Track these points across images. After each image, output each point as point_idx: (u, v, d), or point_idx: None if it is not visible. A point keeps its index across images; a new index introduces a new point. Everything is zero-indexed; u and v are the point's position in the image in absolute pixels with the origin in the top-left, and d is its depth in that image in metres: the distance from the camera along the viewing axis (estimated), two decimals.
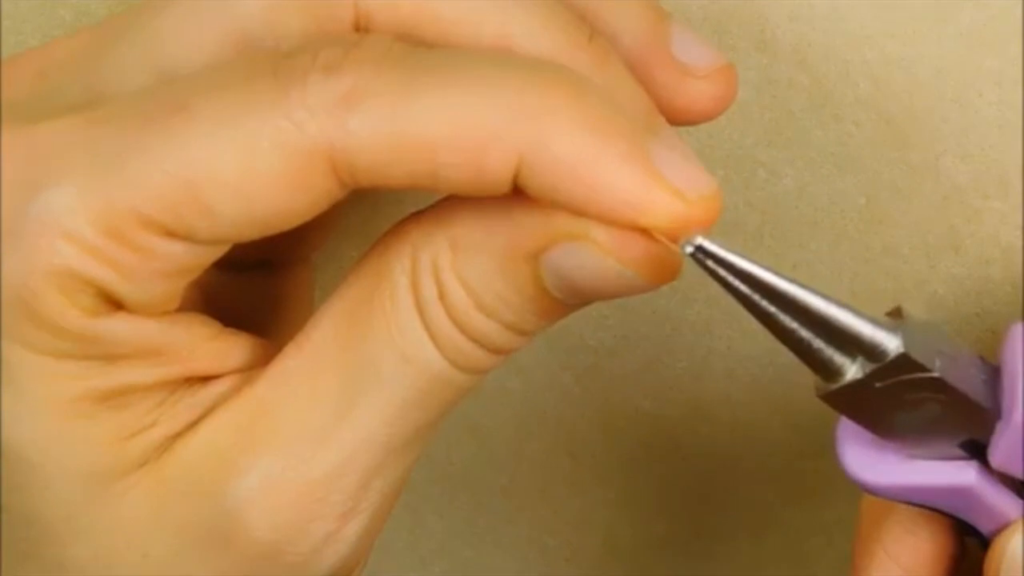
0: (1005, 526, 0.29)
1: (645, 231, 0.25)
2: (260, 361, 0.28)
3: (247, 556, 0.27)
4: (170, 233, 0.25)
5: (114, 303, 0.26)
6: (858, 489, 0.30)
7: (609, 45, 0.27)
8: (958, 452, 0.29)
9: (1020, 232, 0.35)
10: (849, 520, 0.34)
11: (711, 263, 0.25)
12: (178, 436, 0.27)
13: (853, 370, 0.26)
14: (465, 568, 0.46)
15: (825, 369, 0.26)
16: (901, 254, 0.37)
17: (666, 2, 0.30)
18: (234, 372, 0.28)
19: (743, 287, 0.25)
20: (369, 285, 0.27)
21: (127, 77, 0.27)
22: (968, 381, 0.27)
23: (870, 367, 0.26)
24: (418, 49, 0.25)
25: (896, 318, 0.27)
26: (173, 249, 0.25)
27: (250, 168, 0.24)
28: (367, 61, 0.25)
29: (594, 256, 0.25)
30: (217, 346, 0.27)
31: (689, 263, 0.25)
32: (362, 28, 0.27)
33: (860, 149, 0.35)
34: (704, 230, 0.25)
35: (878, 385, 0.26)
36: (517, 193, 0.25)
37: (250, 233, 0.25)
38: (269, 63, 0.25)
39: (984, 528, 0.30)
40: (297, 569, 0.27)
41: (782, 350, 0.26)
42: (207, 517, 0.27)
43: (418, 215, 0.27)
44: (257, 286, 0.33)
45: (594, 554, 0.45)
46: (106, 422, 0.27)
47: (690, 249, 0.25)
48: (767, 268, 0.25)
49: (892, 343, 0.26)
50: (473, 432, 0.43)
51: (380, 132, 0.24)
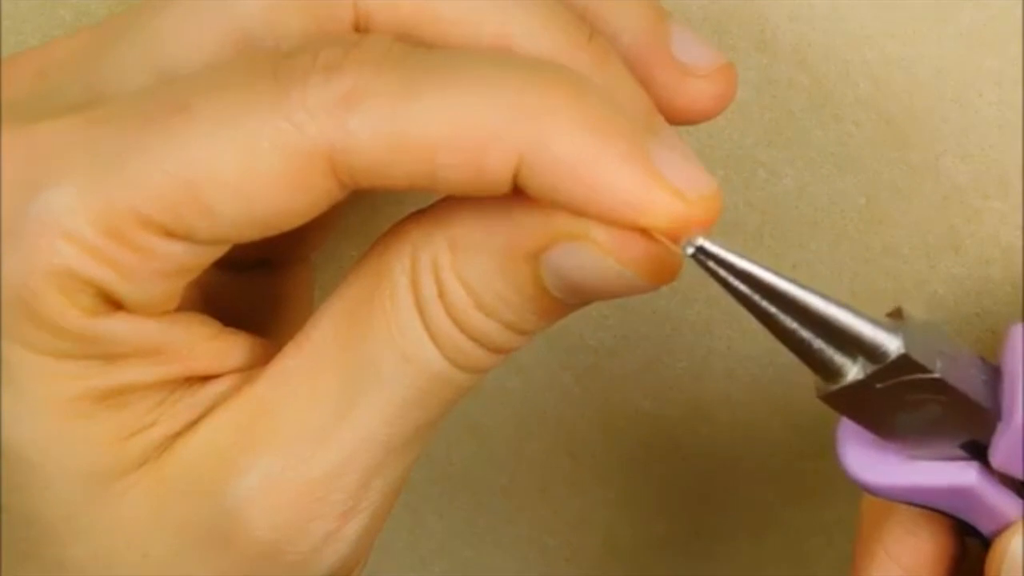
0: (1006, 526, 0.29)
1: (645, 231, 0.25)
2: (260, 361, 0.28)
3: (247, 555, 0.27)
4: (170, 233, 0.25)
5: (114, 303, 0.26)
6: (858, 489, 0.30)
7: (609, 45, 0.27)
8: (959, 453, 0.29)
9: (1020, 232, 0.35)
10: (849, 520, 0.34)
11: (712, 264, 0.25)
12: (178, 436, 0.27)
13: (854, 371, 0.26)
14: (465, 568, 0.46)
15: (826, 370, 0.26)
16: (901, 254, 0.37)
17: (666, 2, 0.30)
18: (234, 372, 0.28)
19: (743, 288, 0.25)
20: (369, 285, 0.27)
21: (127, 77, 0.27)
22: (969, 382, 0.27)
23: (871, 368, 0.26)
24: (418, 49, 0.25)
25: (896, 319, 0.27)
26: (173, 249, 0.25)
27: (250, 168, 0.24)
28: (367, 62, 0.25)
29: (594, 256, 0.25)
30: (217, 346, 0.27)
31: (689, 263, 0.25)
32: (362, 28, 0.27)
33: (860, 149, 0.35)
34: (704, 230, 0.25)
35: (879, 386, 0.26)
36: (517, 193, 0.25)
37: (250, 233, 0.25)
38: (269, 63, 0.25)
39: (985, 528, 0.30)
40: (297, 568, 0.27)
41: (782, 350, 0.26)
42: (207, 517, 0.27)
43: (418, 215, 0.27)
44: (257, 286, 0.33)
45: (594, 554, 0.45)
46: (106, 422, 0.27)
47: (691, 250, 0.25)
48: (767, 268, 0.25)
49: (893, 344, 0.26)
50: (473, 432, 0.43)
51: (380, 133, 0.24)
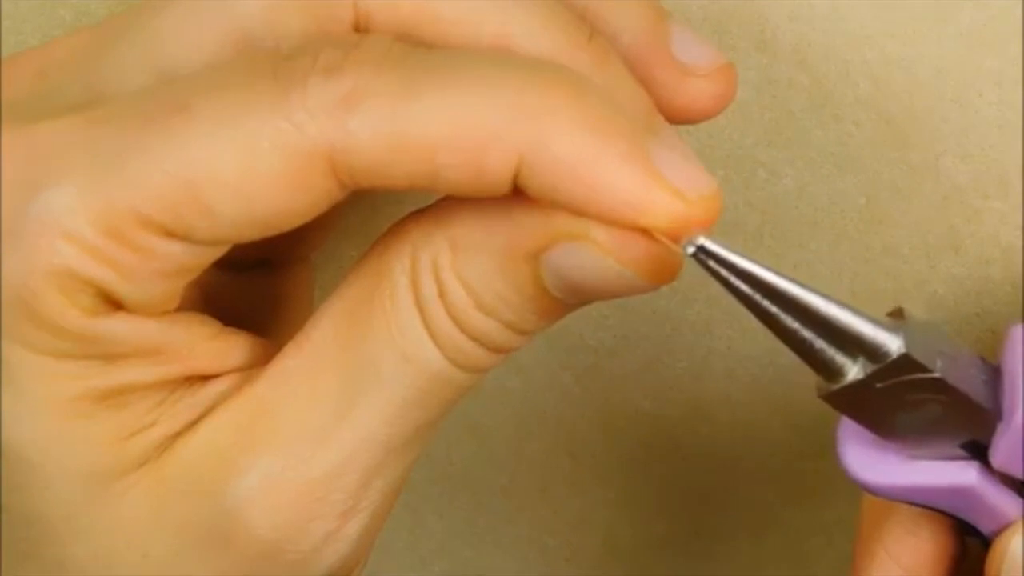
0: (1006, 526, 0.29)
1: (645, 231, 0.25)
2: (260, 361, 0.28)
3: (247, 555, 0.27)
4: (169, 233, 0.25)
5: (114, 303, 0.26)
6: (858, 489, 0.30)
7: (609, 45, 0.27)
8: (959, 452, 0.29)
9: (1020, 232, 0.35)
10: (849, 520, 0.34)
11: (712, 263, 0.25)
12: (178, 435, 0.27)
13: (854, 370, 0.26)
14: (465, 568, 0.46)
15: (826, 369, 0.26)
16: (901, 254, 0.37)
17: (666, 2, 0.30)
18: (234, 371, 0.28)
19: (744, 287, 0.25)
20: (369, 285, 0.27)
21: (127, 77, 0.27)
22: (969, 382, 0.27)
23: (871, 367, 0.26)
24: (418, 50, 0.25)
25: (897, 318, 0.27)
26: (172, 249, 0.25)
27: (250, 169, 0.24)
28: (367, 62, 0.25)
29: (594, 256, 0.25)
30: (217, 345, 0.27)
31: (689, 263, 0.25)
32: (362, 28, 0.27)
33: (860, 149, 0.35)
34: (704, 230, 0.25)
35: (879, 385, 0.26)
36: (517, 193, 0.25)
37: (250, 234, 0.25)
38: (269, 64, 0.25)
39: (985, 528, 0.30)
40: (297, 568, 0.27)
41: (782, 350, 0.26)
42: (207, 516, 0.27)
43: (418, 214, 0.27)
44: (257, 286, 0.33)
45: (594, 554, 0.45)
46: (106, 421, 0.27)
47: (691, 249, 0.25)
48: (768, 268, 0.25)
49: (894, 343, 0.26)
50: (473, 432, 0.43)
51: (380, 133, 0.24)
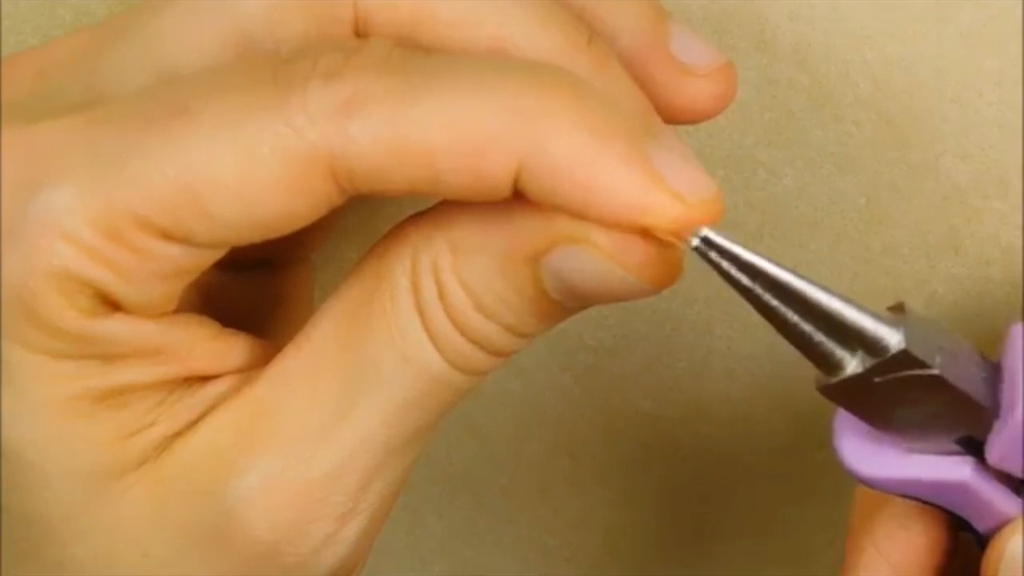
0: (1002, 523, 0.29)
1: (646, 234, 0.25)
2: (260, 361, 0.28)
3: (246, 556, 0.27)
4: (168, 236, 0.25)
5: (112, 304, 0.26)
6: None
7: (608, 47, 0.27)
8: (955, 447, 0.29)
9: (1020, 232, 0.35)
10: None
11: (714, 255, 0.25)
12: (178, 436, 0.27)
13: (853, 364, 0.26)
14: (465, 568, 0.46)
15: (825, 363, 0.26)
16: (901, 254, 0.37)
17: (666, 2, 0.30)
18: (233, 372, 0.28)
19: (745, 279, 0.25)
20: (369, 286, 0.27)
21: (127, 77, 0.27)
22: (967, 378, 0.27)
23: (871, 361, 0.26)
24: (417, 54, 0.25)
25: (898, 313, 0.27)
26: (171, 251, 0.25)
27: (250, 173, 0.24)
28: (367, 67, 0.25)
29: (594, 259, 0.25)
30: (216, 346, 0.27)
31: (690, 262, 0.25)
32: (361, 28, 0.27)
33: (860, 149, 0.35)
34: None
35: (877, 380, 0.26)
36: (518, 196, 0.25)
37: (249, 237, 0.25)
38: (269, 68, 0.25)
39: (978, 523, 0.30)
40: (296, 570, 0.27)
41: (782, 350, 0.26)
42: (206, 517, 0.27)
43: (418, 216, 0.27)
44: (257, 286, 0.33)
45: (594, 554, 0.45)
46: (105, 421, 0.27)
47: (696, 241, 0.25)
48: (770, 260, 0.25)
49: (894, 338, 0.26)
50: (473, 432, 0.43)
51: (380, 138, 0.24)
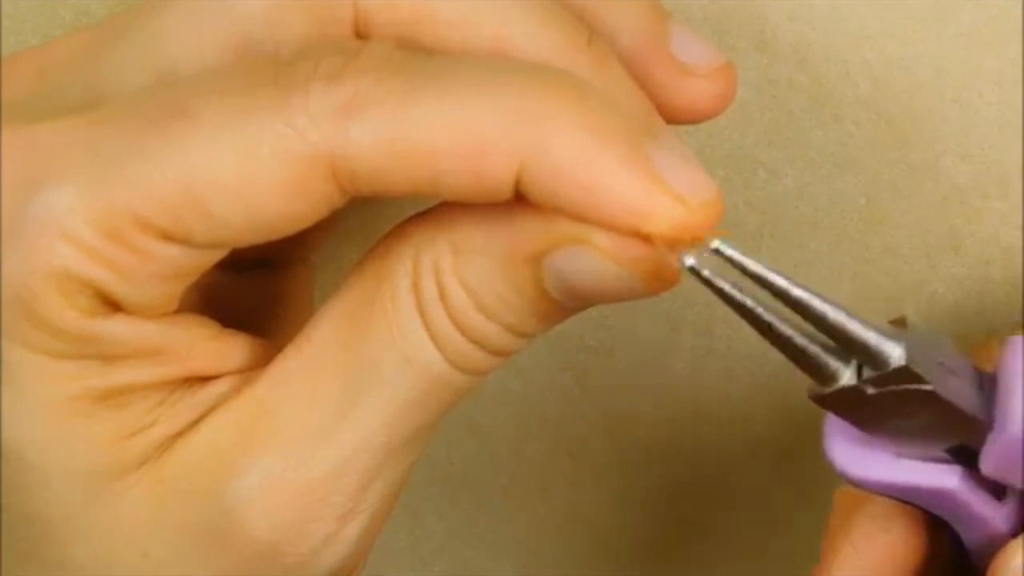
0: (987, 531, 0.29)
1: (646, 236, 0.25)
2: (260, 361, 0.28)
3: (246, 556, 0.27)
4: (168, 236, 0.25)
5: (112, 304, 0.26)
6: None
7: (608, 48, 0.27)
8: (945, 455, 0.29)
9: (1020, 232, 0.35)
10: None
11: (708, 273, 0.25)
12: (178, 436, 0.27)
13: (847, 375, 0.26)
14: (465, 568, 0.46)
15: (819, 373, 0.26)
16: (901, 254, 0.37)
17: (666, 2, 0.30)
18: (234, 372, 0.28)
19: (738, 296, 0.25)
20: (370, 287, 0.27)
21: (127, 77, 0.27)
22: (962, 393, 0.27)
23: (867, 374, 0.26)
24: (418, 56, 0.25)
25: (900, 327, 0.27)
26: (171, 252, 0.25)
27: (250, 174, 0.24)
28: (368, 69, 0.25)
29: (596, 261, 0.25)
30: (216, 346, 0.27)
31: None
32: (361, 29, 0.27)
33: (860, 149, 0.35)
34: (706, 233, 0.25)
35: (871, 392, 0.26)
36: (519, 198, 0.25)
37: (249, 238, 0.25)
38: (270, 69, 0.25)
39: (963, 531, 0.30)
40: (296, 570, 0.27)
41: None
42: (207, 517, 0.27)
43: (419, 217, 0.27)
44: (257, 286, 0.33)
45: (594, 554, 0.45)
46: (105, 421, 0.27)
47: (690, 261, 0.25)
48: (769, 268, 0.25)
49: (895, 352, 0.26)
50: (473, 432, 0.43)
51: (381, 140, 0.24)
